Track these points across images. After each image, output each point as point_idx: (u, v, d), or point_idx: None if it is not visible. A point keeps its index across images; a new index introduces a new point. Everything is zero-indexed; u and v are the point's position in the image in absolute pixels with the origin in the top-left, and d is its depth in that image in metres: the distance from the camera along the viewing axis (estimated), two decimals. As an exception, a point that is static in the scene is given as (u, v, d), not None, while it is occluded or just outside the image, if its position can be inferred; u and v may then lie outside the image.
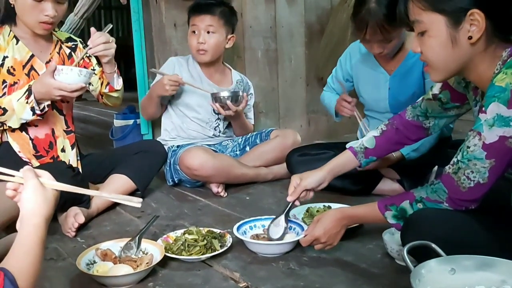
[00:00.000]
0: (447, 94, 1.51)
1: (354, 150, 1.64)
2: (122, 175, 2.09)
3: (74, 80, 1.76)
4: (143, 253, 1.56)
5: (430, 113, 1.57)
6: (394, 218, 1.33)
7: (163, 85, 2.28)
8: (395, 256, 1.50)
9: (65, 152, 2.02)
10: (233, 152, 2.49)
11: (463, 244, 1.18)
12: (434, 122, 1.58)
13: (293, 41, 3.15)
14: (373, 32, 1.90)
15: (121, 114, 2.94)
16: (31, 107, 1.78)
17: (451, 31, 1.20)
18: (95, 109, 5.05)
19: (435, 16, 1.21)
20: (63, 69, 1.76)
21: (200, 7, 2.37)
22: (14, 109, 1.78)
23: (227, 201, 2.19)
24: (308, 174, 1.67)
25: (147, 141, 2.57)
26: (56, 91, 1.75)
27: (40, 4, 1.81)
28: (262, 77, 3.06)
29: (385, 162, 2.05)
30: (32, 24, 1.86)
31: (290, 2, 3.09)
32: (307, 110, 3.28)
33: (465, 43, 1.20)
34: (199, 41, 2.35)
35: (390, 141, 1.63)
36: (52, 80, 1.74)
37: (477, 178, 1.19)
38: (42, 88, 1.76)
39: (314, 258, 1.57)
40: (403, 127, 1.61)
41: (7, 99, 1.79)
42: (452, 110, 1.54)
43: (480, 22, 1.17)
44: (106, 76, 2.07)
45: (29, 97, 1.77)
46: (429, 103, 1.56)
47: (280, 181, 2.43)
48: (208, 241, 1.59)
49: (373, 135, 1.64)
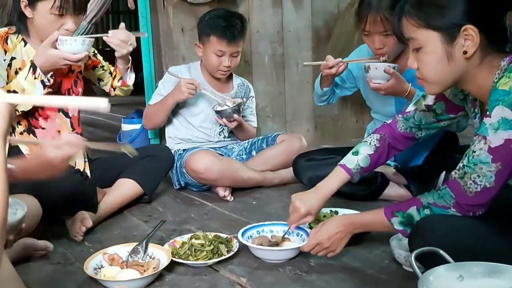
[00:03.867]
0: (442, 105, 1.51)
1: (352, 172, 1.60)
2: (129, 180, 2.09)
3: (78, 49, 1.79)
4: (150, 258, 1.57)
5: (423, 125, 1.58)
6: (401, 225, 1.33)
7: (180, 89, 2.29)
8: (402, 262, 1.50)
9: (72, 156, 2.03)
10: (239, 156, 2.49)
11: (472, 251, 1.17)
12: (426, 132, 1.61)
13: (300, 46, 3.15)
14: (373, 21, 1.91)
15: (128, 119, 2.96)
16: (40, 81, 1.79)
17: (446, 47, 1.21)
18: (103, 113, 5.08)
19: (429, 33, 1.22)
20: (67, 39, 1.78)
21: (227, 33, 2.30)
22: (24, 89, 1.78)
23: (233, 206, 2.19)
24: (309, 198, 1.61)
25: (154, 146, 2.58)
26: (62, 60, 1.79)
27: (61, 19, 1.83)
28: (269, 82, 3.06)
29: None
30: None
31: (297, 7, 3.09)
32: (314, 114, 3.27)
33: (461, 58, 1.21)
34: (225, 65, 2.35)
35: (382, 156, 1.63)
36: (55, 51, 1.77)
37: (483, 183, 1.19)
38: (46, 61, 1.78)
39: (321, 263, 1.57)
40: (394, 139, 1.62)
41: (14, 82, 1.80)
42: (445, 121, 1.55)
43: (474, 36, 1.19)
44: (119, 70, 2.09)
45: (35, 72, 1.78)
46: (423, 115, 1.56)
47: (287, 185, 2.43)
48: (215, 246, 1.60)
49: (367, 153, 1.62)
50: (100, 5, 3.59)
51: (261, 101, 3.03)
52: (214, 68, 2.38)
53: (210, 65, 2.39)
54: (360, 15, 1.96)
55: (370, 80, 1.98)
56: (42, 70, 1.78)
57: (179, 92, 2.30)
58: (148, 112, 2.47)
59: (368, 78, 1.99)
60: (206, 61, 2.41)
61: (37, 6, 1.82)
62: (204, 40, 2.37)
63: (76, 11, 1.84)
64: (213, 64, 2.37)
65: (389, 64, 1.94)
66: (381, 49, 1.98)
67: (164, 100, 2.38)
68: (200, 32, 2.41)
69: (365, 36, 2.00)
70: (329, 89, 2.27)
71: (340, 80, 2.33)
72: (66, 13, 1.82)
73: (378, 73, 1.94)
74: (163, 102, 2.39)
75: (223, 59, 2.35)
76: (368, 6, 1.92)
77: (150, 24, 2.70)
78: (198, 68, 2.50)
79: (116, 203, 2.04)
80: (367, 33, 1.98)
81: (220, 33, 2.31)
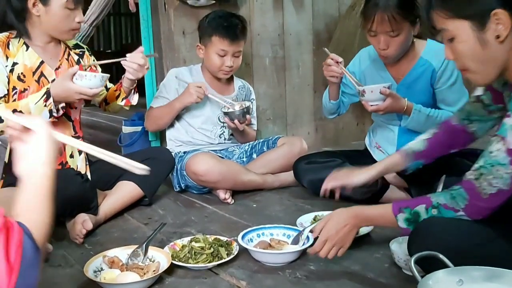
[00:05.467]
0: (489, 95, 1.48)
1: (402, 152, 1.62)
2: (129, 182, 2.10)
3: (95, 85, 1.82)
4: (150, 261, 1.57)
5: (473, 117, 1.54)
6: (406, 222, 1.31)
7: (189, 93, 2.29)
8: (402, 266, 1.50)
9: (73, 158, 2.03)
10: (240, 159, 2.50)
11: (472, 255, 1.17)
12: (478, 126, 1.55)
13: (301, 49, 3.16)
14: (380, 20, 1.91)
15: (129, 121, 2.96)
16: (49, 110, 1.80)
17: (478, 34, 1.20)
18: (104, 115, 5.08)
19: (459, 22, 1.21)
20: (87, 75, 1.80)
21: (228, 32, 2.32)
22: (31, 112, 1.80)
23: (234, 208, 2.19)
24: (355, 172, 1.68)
25: (155, 148, 2.58)
26: (77, 95, 1.81)
27: (73, 12, 1.87)
28: (270, 84, 3.07)
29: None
30: (64, 31, 1.91)
31: (298, 10, 3.10)
32: (314, 117, 3.28)
33: (495, 43, 1.19)
34: (228, 65, 2.36)
35: (441, 144, 1.61)
36: (73, 85, 1.79)
37: (499, 185, 1.17)
38: (63, 92, 1.80)
39: (321, 267, 1.57)
40: (450, 131, 1.60)
41: (23, 102, 1.81)
42: (496, 112, 1.49)
43: (505, 19, 1.17)
44: (124, 90, 2.09)
45: (48, 100, 1.79)
46: (472, 106, 1.53)
47: (287, 188, 2.43)
48: (215, 249, 1.60)
49: (423, 138, 1.62)
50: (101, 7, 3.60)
51: (262, 103, 3.03)
52: (217, 69, 2.39)
53: (212, 65, 2.39)
54: (367, 14, 1.96)
55: (367, 103, 1.99)
56: (54, 100, 1.80)
57: (188, 95, 2.31)
58: (152, 114, 2.47)
59: (364, 102, 2.00)
60: (208, 62, 2.41)
61: (50, 2, 1.84)
62: (206, 41, 2.38)
63: (83, 2, 1.90)
64: (216, 65, 2.37)
65: (383, 85, 1.95)
66: (385, 49, 1.98)
67: (171, 104, 2.38)
68: (201, 33, 2.42)
69: (371, 36, 2.00)
70: (338, 101, 2.25)
71: (344, 87, 2.33)
72: (78, 6, 1.87)
73: (374, 95, 1.95)
74: (170, 106, 2.39)
75: (226, 59, 2.36)
76: (375, 5, 1.92)
77: (151, 26, 2.70)
78: (199, 70, 2.50)
79: (117, 205, 2.05)
80: (373, 33, 1.97)
81: (222, 32, 2.33)
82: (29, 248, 0.77)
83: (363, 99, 1.99)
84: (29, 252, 0.76)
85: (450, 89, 2.06)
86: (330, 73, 2.10)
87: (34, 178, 0.91)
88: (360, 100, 2.09)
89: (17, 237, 0.75)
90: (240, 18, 2.44)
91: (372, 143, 2.33)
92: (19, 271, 0.73)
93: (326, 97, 2.26)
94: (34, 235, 0.81)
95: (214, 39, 2.34)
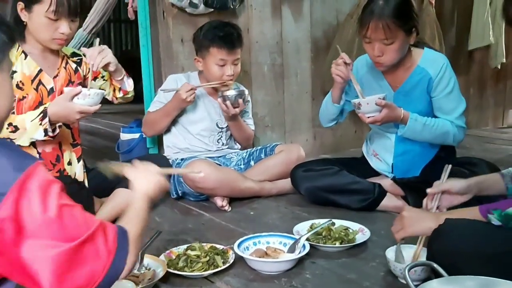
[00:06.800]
0: None
1: (502, 172, 1.56)
2: (126, 189, 2.09)
3: (97, 102, 1.82)
4: (145, 269, 1.56)
5: None
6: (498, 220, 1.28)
7: (181, 98, 2.30)
8: (398, 275, 1.49)
9: (71, 165, 2.04)
10: (238, 166, 2.50)
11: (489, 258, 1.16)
12: None
13: (299, 56, 3.17)
14: (375, 28, 1.93)
15: (127, 128, 2.96)
16: (44, 129, 1.80)
17: None
18: (103, 121, 5.09)
19: None
20: (91, 93, 1.80)
21: (226, 41, 2.34)
22: (26, 128, 1.80)
23: (231, 216, 2.19)
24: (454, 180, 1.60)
25: (152, 156, 2.58)
26: (78, 114, 1.80)
27: (56, 23, 1.85)
28: (268, 91, 3.08)
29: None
30: (46, 41, 1.90)
31: (296, 18, 3.11)
32: (313, 124, 3.28)
33: None
34: (228, 74, 2.37)
35: None
36: (73, 105, 1.78)
37: None
38: (62, 111, 1.79)
39: (317, 275, 1.57)
40: None
41: (20, 118, 1.81)
42: None
43: None
44: (117, 83, 2.11)
45: (43, 119, 1.79)
46: None
47: (285, 196, 2.43)
48: (210, 257, 1.60)
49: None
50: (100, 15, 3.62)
51: (260, 111, 3.04)
52: (218, 79, 2.39)
53: (213, 76, 2.40)
54: (362, 21, 1.98)
55: (363, 115, 1.99)
56: (51, 119, 1.80)
57: (180, 101, 2.32)
58: (149, 119, 2.48)
59: (361, 114, 2.00)
60: (208, 73, 2.41)
61: (33, 9, 1.83)
62: (203, 53, 2.39)
63: (71, 15, 1.85)
64: (216, 75, 2.38)
65: (378, 96, 1.96)
66: (380, 56, 1.99)
67: (166, 110, 2.39)
68: (198, 46, 2.43)
69: (366, 43, 2.02)
70: (341, 106, 2.23)
71: (345, 94, 2.33)
72: (61, 17, 1.84)
73: (370, 107, 1.95)
74: (165, 111, 2.40)
75: (226, 68, 2.37)
76: (371, 13, 1.94)
77: (149, 34, 2.71)
78: (196, 77, 2.51)
79: (113, 213, 2.03)
80: (368, 40, 1.99)
81: (219, 42, 2.33)
82: (124, 239, 0.95)
83: (359, 112, 2.00)
84: (124, 241, 0.95)
85: (447, 98, 2.06)
86: (337, 72, 2.09)
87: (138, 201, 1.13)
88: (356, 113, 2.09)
89: (113, 231, 0.94)
90: (234, 26, 2.45)
91: (369, 150, 2.33)
92: (115, 254, 0.91)
93: (328, 101, 2.25)
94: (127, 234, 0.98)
95: (212, 50, 2.35)
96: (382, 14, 1.92)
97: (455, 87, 2.07)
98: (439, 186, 1.59)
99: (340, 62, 2.08)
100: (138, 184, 1.19)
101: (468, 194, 1.57)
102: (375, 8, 1.95)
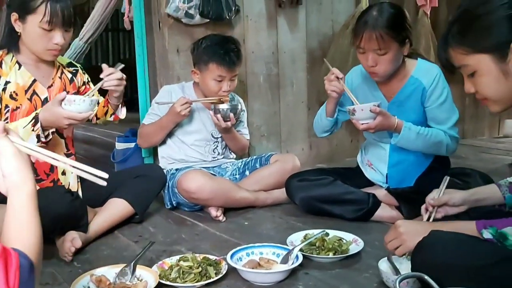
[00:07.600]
0: None
1: (498, 183, 1.56)
2: (120, 199, 2.09)
3: (84, 109, 1.81)
4: (137, 280, 1.56)
5: None
6: (490, 235, 1.28)
7: (176, 112, 2.30)
8: (390, 286, 1.49)
9: (65, 175, 2.04)
10: (233, 176, 2.50)
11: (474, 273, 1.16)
12: None
13: (294, 67, 3.18)
14: (368, 38, 1.94)
15: (122, 137, 2.96)
16: (36, 135, 1.80)
17: (500, 65, 1.20)
18: (100, 130, 5.08)
19: (480, 56, 1.21)
20: (76, 99, 1.79)
21: (226, 59, 2.34)
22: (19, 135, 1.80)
23: (225, 226, 2.18)
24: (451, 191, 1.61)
25: (146, 166, 2.58)
26: (66, 120, 1.79)
27: (50, 33, 1.85)
28: (264, 101, 3.08)
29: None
30: (40, 51, 1.90)
31: (292, 28, 3.13)
32: (308, 133, 3.29)
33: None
34: (225, 89, 2.37)
35: None
36: (61, 110, 1.78)
37: None
38: (51, 117, 1.79)
39: (310, 286, 1.56)
40: None
41: (13, 125, 1.81)
42: None
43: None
44: (112, 106, 2.11)
45: (35, 125, 1.79)
46: None
47: (279, 206, 2.43)
48: (203, 268, 1.59)
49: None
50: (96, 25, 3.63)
51: (256, 120, 3.05)
52: (214, 94, 2.39)
53: (209, 91, 2.40)
54: (356, 32, 2.00)
55: (357, 121, 2.00)
56: (43, 124, 1.80)
57: (176, 115, 2.32)
58: (144, 132, 2.48)
59: (355, 120, 2.01)
60: (205, 87, 2.41)
61: (27, 20, 1.84)
62: (201, 67, 2.39)
63: (65, 25, 1.86)
64: (213, 90, 2.38)
65: (373, 103, 1.97)
66: (374, 67, 2.01)
67: (161, 122, 2.40)
68: (196, 59, 2.43)
69: (360, 53, 2.03)
70: (334, 119, 2.24)
71: (340, 105, 2.34)
72: (55, 27, 1.84)
73: (364, 114, 1.96)
74: (160, 125, 2.40)
75: (223, 84, 2.37)
76: (364, 23, 1.96)
77: (145, 44, 2.72)
78: (191, 87, 2.52)
79: (107, 223, 2.04)
80: (362, 50, 2.00)
81: (219, 60, 2.34)
82: (26, 270, 0.81)
83: (354, 118, 2.00)
84: (26, 273, 0.80)
85: (440, 108, 2.07)
86: (332, 88, 2.11)
87: (17, 199, 0.91)
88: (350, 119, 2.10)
89: (15, 261, 0.79)
90: (234, 42, 2.45)
91: (364, 160, 2.34)
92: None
93: (322, 114, 2.27)
94: (29, 256, 0.84)
95: (211, 66, 2.35)
96: (375, 25, 1.94)
97: (448, 97, 2.08)
98: (439, 199, 1.59)
99: (333, 78, 2.09)
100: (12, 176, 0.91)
101: (465, 206, 1.58)
102: (368, 18, 1.97)
